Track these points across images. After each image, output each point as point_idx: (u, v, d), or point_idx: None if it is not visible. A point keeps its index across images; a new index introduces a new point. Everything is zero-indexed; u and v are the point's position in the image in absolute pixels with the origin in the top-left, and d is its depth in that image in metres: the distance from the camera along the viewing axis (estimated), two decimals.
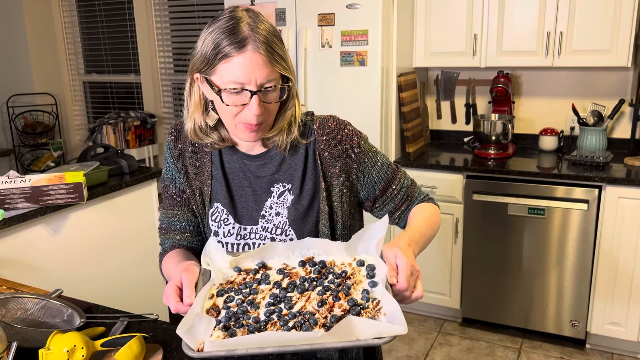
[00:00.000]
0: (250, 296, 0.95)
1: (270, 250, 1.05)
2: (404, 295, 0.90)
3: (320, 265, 1.01)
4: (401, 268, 0.90)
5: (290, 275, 1.00)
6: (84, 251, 2.30)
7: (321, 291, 0.94)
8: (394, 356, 2.78)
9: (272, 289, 0.97)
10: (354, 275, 0.97)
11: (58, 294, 1.29)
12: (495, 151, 2.98)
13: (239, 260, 1.05)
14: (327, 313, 0.89)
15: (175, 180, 1.20)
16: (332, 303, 0.91)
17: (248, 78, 0.98)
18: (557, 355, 2.75)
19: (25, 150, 4.58)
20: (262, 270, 1.02)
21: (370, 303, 0.89)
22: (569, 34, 2.73)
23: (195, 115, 1.10)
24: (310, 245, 1.05)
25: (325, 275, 0.98)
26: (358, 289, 0.94)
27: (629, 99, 2.94)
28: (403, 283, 0.89)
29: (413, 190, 1.21)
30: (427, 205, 1.20)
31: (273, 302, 0.93)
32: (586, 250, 2.64)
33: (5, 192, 1.96)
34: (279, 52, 1.01)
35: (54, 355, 1.00)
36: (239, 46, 0.97)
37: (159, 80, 4.38)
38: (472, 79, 3.33)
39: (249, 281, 1.00)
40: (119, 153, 2.62)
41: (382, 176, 1.17)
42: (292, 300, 0.93)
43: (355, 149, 1.13)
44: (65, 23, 4.66)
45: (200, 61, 1.02)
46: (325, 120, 1.14)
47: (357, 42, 2.77)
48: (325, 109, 2.65)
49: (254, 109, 1.00)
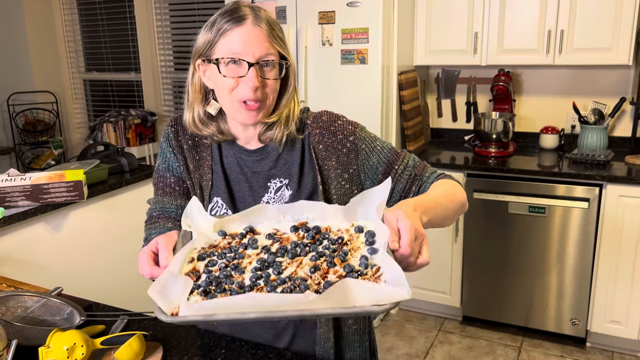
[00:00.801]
0: (235, 260, 0.87)
1: (260, 214, 0.97)
2: (408, 261, 0.81)
3: (314, 230, 0.91)
4: (404, 232, 0.80)
5: (280, 241, 0.91)
6: (84, 249, 2.30)
7: (314, 257, 0.85)
8: (394, 354, 2.78)
9: (259, 254, 0.88)
10: (352, 241, 0.88)
11: (58, 292, 1.29)
12: (495, 149, 2.98)
13: (224, 223, 0.96)
14: (320, 279, 0.80)
15: (173, 170, 1.20)
16: (327, 269, 0.82)
17: (246, 49, 1.00)
18: (558, 353, 2.75)
19: (26, 148, 4.58)
20: (249, 235, 0.94)
21: (369, 270, 0.80)
22: (570, 32, 2.73)
23: (195, 105, 1.10)
24: (304, 209, 0.97)
25: (320, 241, 0.90)
26: (356, 255, 0.85)
27: (630, 97, 2.94)
28: (406, 248, 0.79)
29: (422, 170, 1.14)
30: (444, 181, 1.12)
31: (260, 267, 0.85)
32: (587, 248, 2.64)
33: (5, 190, 1.96)
34: (278, 32, 1.04)
35: (53, 353, 1.00)
36: (239, 20, 1.00)
37: (159, 78, 4.38)
38: (472, 77, 3.32)
39: (234, 245, 0.91)
40: (120, 151, 2.62)
41: (382, 160, 1.13)
42: (282, 265, 0.84)
43: (349, 137, 1.12)
44: (65, 21, 4.66)
45: (202, 44, 1.04)
46: (319, 114, 1.15)
47: (358, 40, 2.77)
48: (325, 107, 2.62)
49: (251, 82, 1.00)
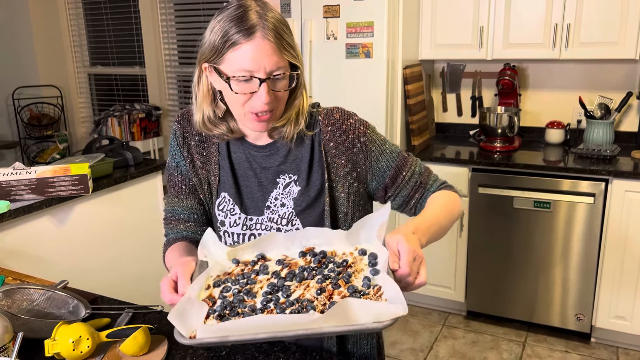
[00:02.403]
0: (247, 286, 0.94)
1: (270, 241, 1.04)
2: (407, 281, 0.88)
3: (320, 255, 0.99)
4: (403, 253, 0.88)
5: (289, 266, 0.98)
6: (89, 242, 2.31)
7: (321, 279, 0.92)
8: (398, 349, 2.78)
9: (270, 279, 0.96)
10: (355, 264, 0.96)
11: (63, 285, 1.29)
12: (501, 144, 2.97)
13: (237, 252, 1.04)
14: (326, 300, 0.87)
15: (180, 169, 1.20)
16: (332, 290, 0.89)
17: (257, 66, 0.97)
18: (562, 349, 2.75)
19: (31, 142, 4.60)
20: (261, 262, 1.01)
21: (371, 289, 0.87)
22: (577, 26, 2.71)
23: (204, 106, 1.09)
24: (310, 236, 1.03)
25: (326, 265, 0.97)
26: (359, 277, 0.92)
27: (637, 91, 2.91)
28: (405, 268, 0.87)
29: (427, 177, 1.17)
30: (444, 192, 1.16)
31: (270, 290, 0.92)
32: (592, 244, 2.63)
33: (11, 184, 1.97)
34: (288, 40, 1.01)
35: (59, 345, 1.01)
36: (248, 33, 0.97)
37: (164, 73, 4.37)
38: (478, 72, 3.30)
39: (246, 272, 0.98)
40: (124, 145, 2.62)
41: (391, 164, 1.14)
42: (290, 288, 0.92)
43: (361, 138, 1.12)
44: (70, 15, 4.66)
45: (208, 50, 1.01)
46: (331, 111, 1.14)
47: (363, 34, 2.76)
48: (330, 101, 2.62)
49: (263, 97, 0.99)
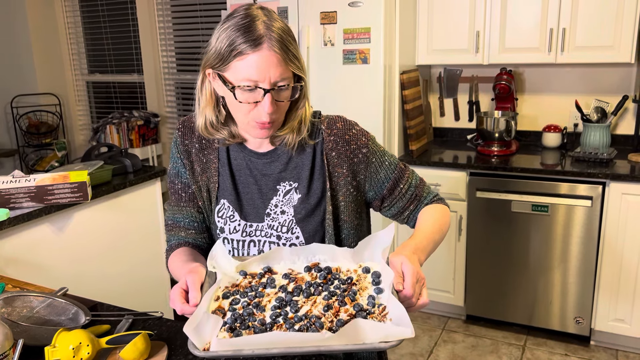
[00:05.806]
0: (256, 299, 0.96)
1: (276, 255, 1.06)
2: (409, 302, 0.92)
3: (325, 271, 1.02)
4: (407, 275, 0.92)
5: (295, 280, 1.01)
6: (89, 250, 2.31)
7: (327, 296, 0.95)
8: (398, 353, 2.78)
9: (277, 293, 0.98)
10: (360, 281, 0.99)
11: (63, 293, 1.29)
12: (498, 148, 2.98)
13: (244, 265, 1.06)
14: (333, 317, 0.90)
15: (181, 176, 1.20)
16: (338, 308, 0.92)
17: (262, 76, 0.98)
18: (562, 352, 2.75)
19: (30, 150, 4.59)
20: (267, 275, 1.03)
21: (376, 308, 0.91)
22: (572, 30, 2.73)
23: (206, 111, 1.10)
24: (316, 251, 1.06)
25: (331, 281, 1.00)
26: (364, 295, 0.95)
27: (633, 95, 2.93)
28: (409, 289, 0.91)
29: (422, 190, 1.23)
30: (435, 207, 1.21)
31: (279, 305, 0.94)
32: (590, 246, 2.64)
33: (10, 192, 1.97)
34: (293, 51, 1.02)
35: (59, 352, 1.01)
36: (255, 44, 0.98)
37: (162, 80, 4.38)
38: (475, 76, 3.32)
39: (254, 285, 1.01)
40: (123, 152, 2.63)
41: (389, 175, 1.17)
42: (298, 304, 0.94)
43: (362, 149, 1.14)
44: (68, 23, 4.67)
45: (214, 57, 1.02)
46: (333, 121, 1.15)
47: (360, 40, 2.77)
48: (327, 107, 2.64)
49: (266, 107, 1.00)
